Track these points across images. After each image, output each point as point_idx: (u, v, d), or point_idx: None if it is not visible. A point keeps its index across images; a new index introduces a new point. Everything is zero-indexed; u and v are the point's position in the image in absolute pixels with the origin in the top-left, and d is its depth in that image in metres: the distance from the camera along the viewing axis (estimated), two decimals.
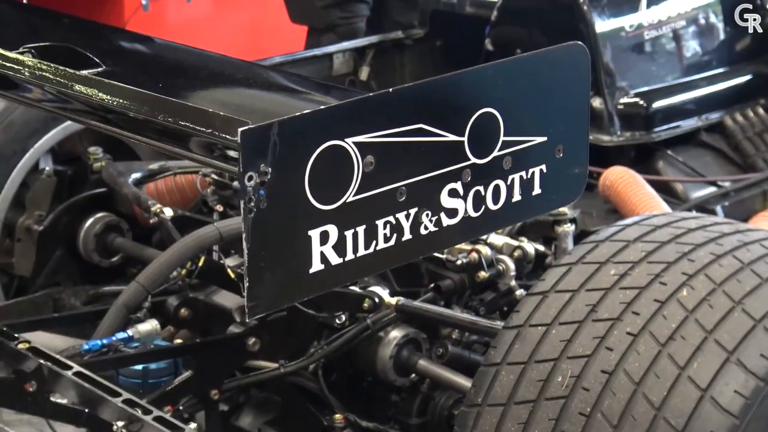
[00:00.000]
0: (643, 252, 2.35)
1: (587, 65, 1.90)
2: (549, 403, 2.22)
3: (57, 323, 3.34)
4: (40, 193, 3.65)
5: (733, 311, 2.20)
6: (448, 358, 2.94)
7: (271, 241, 1.59)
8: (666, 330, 2.20)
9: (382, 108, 1.65)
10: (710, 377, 2.13)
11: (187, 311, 3.06)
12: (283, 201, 1.57)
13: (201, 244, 3.06)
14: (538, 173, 1.83)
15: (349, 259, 1.66)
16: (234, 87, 2.00)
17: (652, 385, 2.15)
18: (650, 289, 2.27)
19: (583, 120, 1.90)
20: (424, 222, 1.72)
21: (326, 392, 2.92)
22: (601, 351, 2.22)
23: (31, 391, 2.60)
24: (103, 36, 2.41)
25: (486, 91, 1.76)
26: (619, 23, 3.77)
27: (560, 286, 2.34)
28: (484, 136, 1.75)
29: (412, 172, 1.69)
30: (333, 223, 1.63)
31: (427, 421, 2.95)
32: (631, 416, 2.13)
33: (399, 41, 4.78)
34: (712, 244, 2.34)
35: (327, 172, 1.60)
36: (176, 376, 2.88)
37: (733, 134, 3.90)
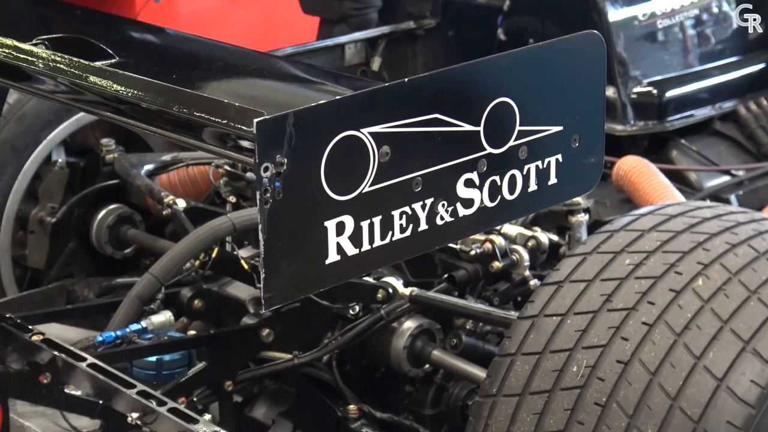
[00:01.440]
0: (658, 241, 2.34)
1: (603, 54, 1.90)
2: (564, 393, 2.22)
3: (70, 315, 3.34)
4: (52, 185, 3.65)
5: (749, 300, 2.20)
6: (462, 349, 2.94)
7: (287, 232, 1.59)
8: (681, 320, 2.19)
9: (397, 98, 1.65)
10: (726, 367, 2.13)
11: (201, 302, 3.07)
12: (298, 192, 1.57)
13: (214, 236, 3.06)
14: (554, 163, 1.83)
15: (365, 249, 1.66)
16: (248, 78, 2.00)
17: (668, 375, 2.14)
18: (665, 279, 2.26)
19: (599, 109, 1.90)
20: (440, 212, 1.72)
21: (340, 383, 2.92)
22: (617, 341, 2.21)
23: (46, 383, 2.61)
24: (115, 27, 2.41)
25: (501, 80, 1.76)
26: (632, 12, 3.77)
27: (575, 275, 2.34)
28: (500, 125, 1.75)
29: (427, 163, 1.69)
30: (349, 213, 1.63)
31: (441, 411, 2.96)
32: (647, 406, 2.13)
33: (411, 32, 4.78)
34: (727, 234, 2.34)
35: (343, 162, 1.60)
36: (190, 368, 2.89)
37: (747, 123, 3.90)
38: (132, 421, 2.42)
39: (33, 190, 3.67)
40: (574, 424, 2.18)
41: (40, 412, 2.71)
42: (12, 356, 2.65)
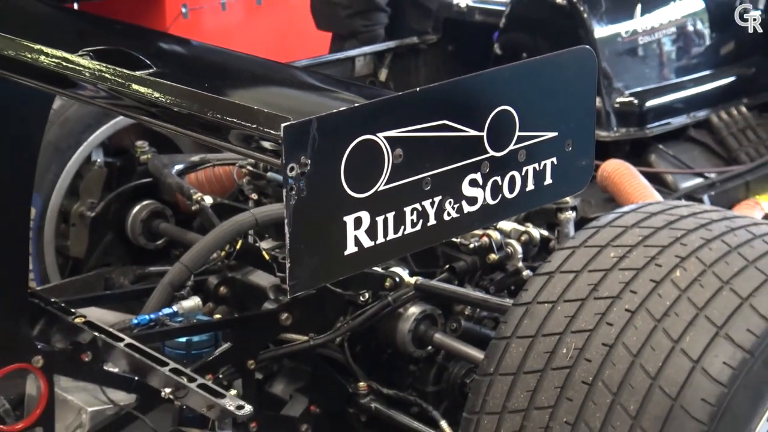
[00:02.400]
0: (639, 237, 2.35)
1: (594, 67, 1.90)
2: (555, 373, 2.22)
3: (108, 300, 3.34)
4: (92, 183, 3.66)
5: (722, 290, 2.20)
6: (461, 332, 2.94)
7: (310, 226, 1.58)
8: (661, 307, 2.20)
9: (410, 106, 1.65)
10: (701, 350, 2.13)
11: (226, 289, 3.07)
12: (321, 190, 1.57)
13: (238, 229, 3.07)
14: (549, 165, 1.82)
15: (379, 242, 1.66)
16: (272, 86, 2.00)
17: (649, 357, 2.15)
18: (646, 270, 2.27)
19: (590, 117, 1.90)
20: (447, 209, 1.72)
21: (351, 362, 2.93)
22: (602, 326, 2.22)
23: (87, 360, 2.61)
24: (150, 40, 2.40)
25: (503, 90, 1.76)
26: (616, 29, 3.77)
27: (565, 267, 2.34)
28: (502, 131, 1.75)
29: (436, 164, 1.68)
30: (366, 209, 1.62)
31: (441, 388, 2.96)
32: (630, 385, 2.14)
33: (414, 46, 4.79)
34: (702, 230, 2.34)
35: (360, 163, 1.59)
36: (216, 348, 2.88)
37: (719, 130, 3.90)
38: (165, 396, 2.43)
39: (74, 187, 3.67)
40: (564, 400, 2.19)
41: (82, 386, 2.71)
42: (56, 336, 2.66)
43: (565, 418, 2.17)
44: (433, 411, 2.89)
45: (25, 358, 2.50)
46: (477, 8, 4.71)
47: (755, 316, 2.15)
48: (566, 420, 2.17)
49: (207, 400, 2.34)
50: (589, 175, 1.92)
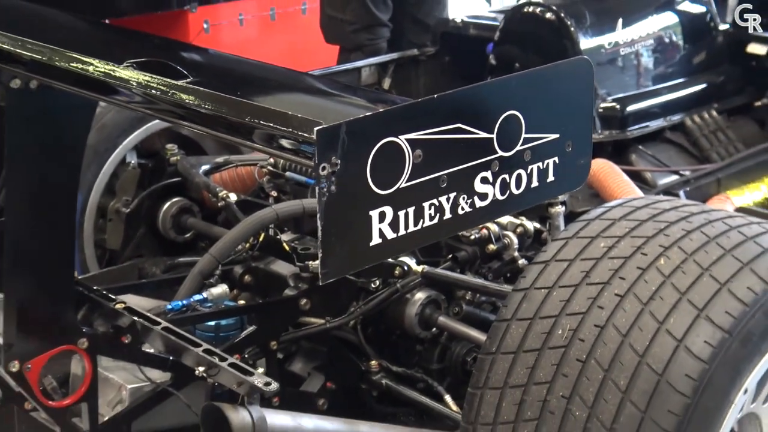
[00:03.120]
0: (626, 228, 2.34)
1: (591, 76, 1.90)
2: (551, 351, 2.22)
3: (142, 288, 3.33)
4: (127, 182, 3.65)
5: (702, 276, 2.19)
6: (462, 315, 2.94)
7: (340, 220, 1.58)
8: (647, 292, 2.19)
9: (428, 111, 1.65)
10: (684, 330, 2.13)
11: (250, 277, 3.06)
12: (349, 187, 1.57)
13: (261, 223, 3.06)
14: (551, 164, 1.82)
15: (401, 234, 1.66)
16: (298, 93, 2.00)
17: (637, 337, 2.14)
18: (633, 259, 2.26)
19: (587, 120, 1.90)
20: (461, 204, 1.72)
21: (363, 343, 2.93)
22: (594, 309, 2.21)
23: (127, 342, 2.61)
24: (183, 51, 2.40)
25: (511, 96, 1.76)
26: (599, 41, 3.77)
27: (559, 256, 2.34)
28: (510, 133, 1.75)
29: (451, 163, 1.68)
30: (389, 204, 1.62)
31: (445, 366, 2.96)
32: (620, 362, 2.13)
33: (415, 57, 4.78)
34: (683, 222, 2.34)
35: (384, 163, 1.60)
36: (242, 331, 2.88)
37: (692, 132, 3.89)
38: (199, 374, 2.42)
39: (111, 186, 3.67)
40: (560, 376, 2.19)
41: (121, 366, 2.70)
42: (98, 321, 2.65)
43: (561, 392, 2.17)
44: (438, 386, 2.89)
45: (71, 341, 2.50)
46: (471, 23, 4.72)
47: (733, 299, 2.15)
48: (562, 394, 2.17)
49: (237, 377, 2.34)
50: (587, 173, 1.93)
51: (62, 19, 2.66)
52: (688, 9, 4.04)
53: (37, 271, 2.41)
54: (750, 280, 2.18)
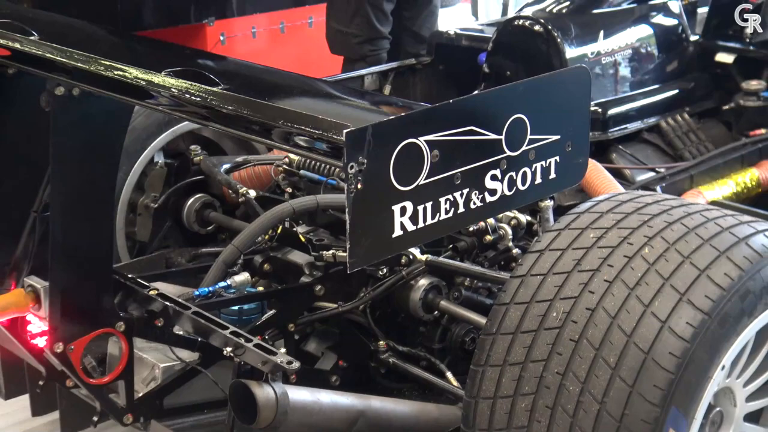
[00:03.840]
0: (613, 220, 2.34)
1: (588, 83, 1.90)
2: (546, 332, 2.22)
3: (170, 276, 3.33)
4: (154, 180, 3.64)
5: (683, 264, 2.20)
6: (461, 300, 2.94)
7: (366, 214, 1.58)
8: (633, 278, 2.20)
9: (444, 115, 1.65)
10: (668, 312, 2.13)
11: (269, 266, 3.06)
12: (374, 184, 1.57)
13: (279, 217, 3.06)
14: (553, 162, 1.83)
15: (420, 227, 1.66)
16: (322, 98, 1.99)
17: (624, 319, 2.15)
18: (620, 248, 2.27)
19: (585, 123, 1.90)
20: (473, 199, 1.72)
21: (372, 325, 2.92)
22: (585, 293, 2.22)
23: (159, 325, 2.61)
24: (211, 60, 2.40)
25: (518, 101, 1.76)
26: (583, 51, 3.76)
27: (553, 245, 2.34)
28: (516, 135, 1.75)
29: (465, 162, 1.69)
30: (409, 200, 1.63)
31: (446, 346, 2.96)
32: (609, 341, 2.14)
33: (412, 66, 4.77)
34: (664, 215, 2.34)
35: (405, 162, 1.60)
36: (263, 315, 2.88)
37: (667, 133, 3.89)
38: (227, 353, 2.42)
39: (140, 183, 3.65)
40: (555, 354, 2.19)
41: (153, 346, 2.70)
42: (133, 306, 2.64)
43: (556, 369, 2.17)
44: (439, 364, 2.90)
45: (109, 324, 2.50)
46: (463, 35, 4.71)
47: (711, 284, 2.16)
48: (557, 371, 2.17)
49: (262, 356, 2.33)
50: (585, 170, 1.93)
51: (99, 32, 2.66)
52: (662, 22, 4.03)
53: (79, 262, 2.41)
54: (726, 267, 2.19)
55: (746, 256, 2.22)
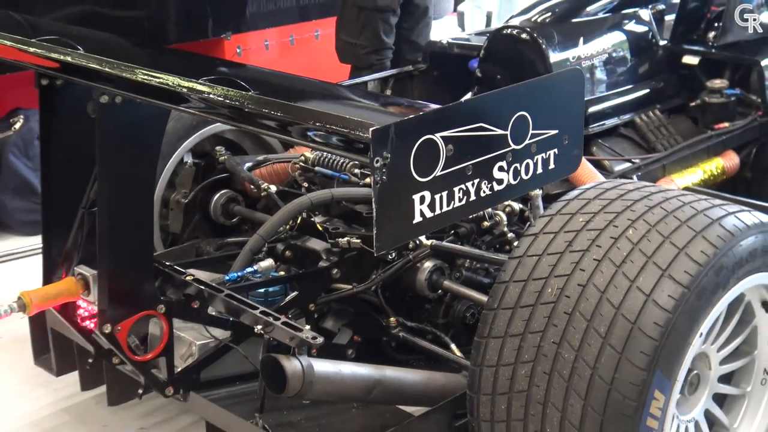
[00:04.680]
0: (600, 206, 2.34)
1: (582, 83, 1.90)
2: (543, 306, 2.23)
3: (200, 264, 3.32)
4: (184, 178, 3.63)
5: (664, 243, 2.20)
6: (462, 279, 2.94)
7: (390, 203, 1.58)
8: (619, 256, 2.20)
9: (457, 113, 1.65)
10: (651, 287, 2.14)
11: (290, 253, 3.05)
12: (397, 176, 1.57)
13: (299, 208, 3.05)
14: (552, 154, 1.83)
15: (437, 213, 1.66)
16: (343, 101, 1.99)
17: (613, 293, 2.15)
18: (607, 230, 2.27)
19: (579, 118, 1.90)
20: (483, 188, 1.72)
21: (383, 303, 2.92)
22: (577, 271, 2.22)
23: (195, 307, 2.61)
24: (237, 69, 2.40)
25: (521, 100, 1.76)
26: (565, 56, 3.75)
27: (546, 229, 2.34)
28: (520, 130, 1.75)
29: (475, 155, 1.69)
30: (428, 189, 1.62)
31: (448, 320, 2.96)
32: (600, 314, 2.15)
33: (410, 72, 4.76)
34: (645, 200, 2.34)
35: (424, 156, 1.60)
36: (286, 296, 2.87)
37: (641, 128, 3.88)
38: (258, 331, 2.42)
39: (172, 181, 3.64)
40: (551, 326, 2.20)
41: (190, 326, 2.70)
42: (171, 290, 2.64)
43: (552, 339, 2.18)
44: (444, 337, 2.90)
45: (152, 307, 2.50)
46: (454, 44, 4.71)
47: (689, 261, 2.16)
48: (553, 341, 2.18)
49: (289, 333, 2.33)
50: (579, 161, 1.93)
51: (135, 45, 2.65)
52: (634, 29, 4.03)
53: (123, 251, 2.41)
54: (703, 245, 2.19)
55: (719, 235, 2.22)
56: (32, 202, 4.89)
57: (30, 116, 4.95)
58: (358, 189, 3.16)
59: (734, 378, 2.62)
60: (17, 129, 4.90)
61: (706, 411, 2.54)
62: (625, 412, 2.09)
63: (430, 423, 2.45)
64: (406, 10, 5.26)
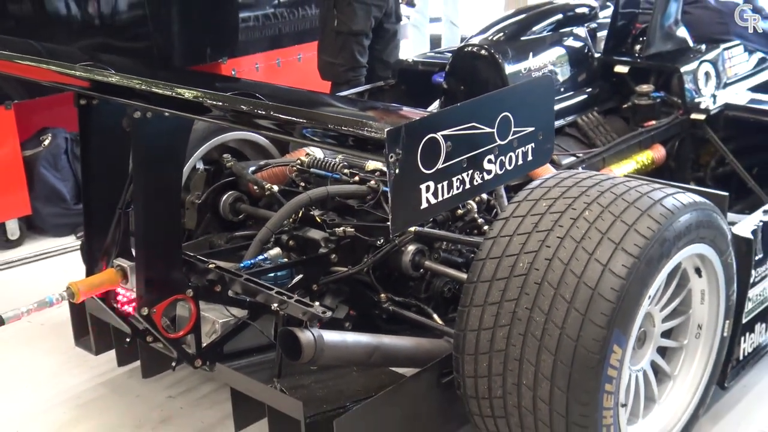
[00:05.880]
0: (559, 192, 2.38)
1: (552, 89, 1.92)
2: (516, 278, 2.25)
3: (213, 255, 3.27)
4: (197, 182, 3.60)
5: (616, 221, 2.24)
6: (440, 260, 2.95)
7: (402, 192, 1.59)
8: (579, 234, 2.24)
9: (454, 115, 1.65)
10: (607, 258, 2.18)
11: (294, 242, 3.04)
12: (407, 169, 1.57)
13: (299, 204, 3.05)
14: (530, 148, 1.83)
15: (439, 200, 1.66)
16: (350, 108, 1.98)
17: (575, 265, 2.19)
18: (567, 212, 2.30)
19: (551, 118, 1.91)
20: (476, 177, 1.73)
21: (374, 282, 2.92)
22: (543, 248, 2.25)
23: (218, 291, 2.60)
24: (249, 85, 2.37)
25: (505, 103, 1.77)
26: (518, 68, 3.76)
27: (515, 213, 2.37)
28: (504, 128, 1.76)
29: (469, 150, 1.69)
30: (432, 180, 1.63)
31: (429, 295, 2.96)
32: (565, 282, 2.18)
33: (381, 87, 4.76)
34: (597, 186, 2.38)
35: (429, 151, 1.60)
36: (292, 279, 2.87)
37: (582, 127, 3.90)
38: (274, 309, 2.42)
39: (187, 185, 3.60)
40: (523, 295, 2.22)
41: (212, 307, 2.68)
42: (196, 277, 2.63)
43: (525, 305, 2.21)
44: (427, 308, 2.90)
45: (181, 291, 2.48)
46: (419, 62, 4.72)
47: (638, 235, 2.20)
48: (526, 306, 2.21)
49: (302, 309, 2.34)
50: (551, 153, 1.94)
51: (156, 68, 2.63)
52: (573, 44, 4.06)
53: (157, 245, 2.40)
54: (648, 222, 2.23)
55: (662, 213, 2.26)
56: (61, 208, 4.85)
57: (57, 134, 4.90)
58: (349, 186, 3.16)
59: (673, 333, 2.67)
60: (46, 145, 4.85)
61: (652, 362, 2.59)
62: (590, 364, 2.12)
63: (422, 381, 2.47)
64: (377, 34, 5.27)
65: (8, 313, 2.27)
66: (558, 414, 2.16)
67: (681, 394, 2.66)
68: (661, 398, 2.65)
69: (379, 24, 5.23)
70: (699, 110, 3.94)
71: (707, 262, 2.53)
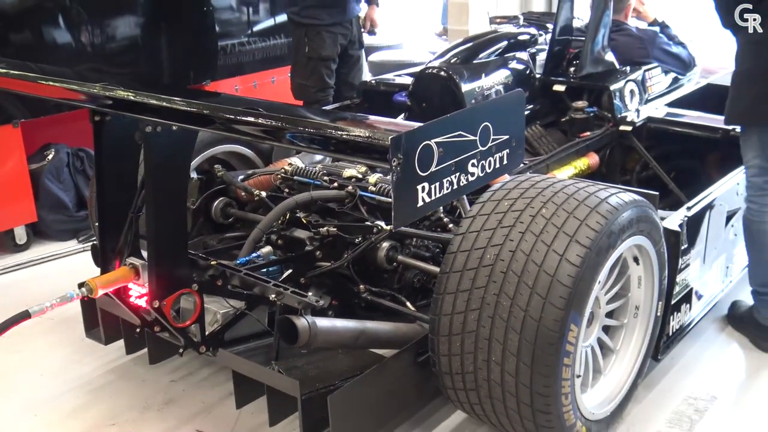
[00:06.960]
0: (519, 193, 2.40)
1: (523, 102, 1.93)
2: (484, 269, 2.27)
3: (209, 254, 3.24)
4: (192, 189, 3.54)
5: (569, 218, 2.27)
6: (411, 254, 2.96)
7: (402, 192, 1.59)
8: (538, 229, 2.26)
9: (444, 125, 1.66)
10: (563, 249, 2.20)
11: (282, 241, 3.03)
12: (407, 172, 1.58)
13: (286, 208, 3.05)
14: (506, 153, 1.85)
15: (433, 199, 1.67)
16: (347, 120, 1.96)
17: (536, 255, 2.21)
18: (526, 210, 2.32)
19: (522, 127, 1.93)
20: (462, 179, 1.74)
21: (354, 275, 2.92)
22: (507, 242, 2.27)
23: (219, 284, 2.57)
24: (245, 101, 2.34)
25: (485, 114, 1.78)
26: (473, 87, 3.79)
27: (481, 212, 2.39)
28: (485, 135, 1.77)
29: (457, 155, 1.70)
30: (427, 181, 1.64)
31: (402, 285, 2.97)
32: (527, 271, 2.20)
33: (348, 106, 4.74)
34: (551, 187, 2.41)
35: (424, 156, 1.61)
36: (282, 274, 2.85)
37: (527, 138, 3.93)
38: (272, 299, 2.40)
39: None
40: (491, 282, 2.24)
41: (212, 299, 2.65)
42: (199, 272, 2.60)
43: (493, 291, 2.23)
44: (401, 297, 2.91)
45: (188, 285, 2.46)
46: (381, 82, 4.70)
47: (589, 229, 2.24)
48: (494, 293, 2.22)
49: (297, 299, 2.34)
50: (522, 158, 1.96)
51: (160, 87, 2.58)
52: (517, 66, 4.10)
53: (166, 244, 2.37)
54: (597, 218, 2.27)
55: (608, 209, 2.30)
56: (64, 216, 4.76)
57: (59, 149, 4.81)
58: (330, 191, 3.16)
59: (615, 313, 2.71)
60: (50, 159, 4.76)
61: (598, 339, 2.63)
62: (550, 341, 2.15)
63: (401, 360, 2.47)
64: (343, 59, 5.26)
65: (34, 307, 2.22)
66: (523, 385, 2.18)
67: (623, 366, 2.71)
68: (606, 370, 2.69)
69: (344, 50, 5.23)
70: (626, 123, 4.01)
71: (644, 252, 2.58)
